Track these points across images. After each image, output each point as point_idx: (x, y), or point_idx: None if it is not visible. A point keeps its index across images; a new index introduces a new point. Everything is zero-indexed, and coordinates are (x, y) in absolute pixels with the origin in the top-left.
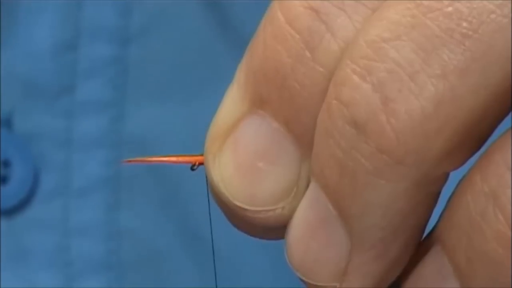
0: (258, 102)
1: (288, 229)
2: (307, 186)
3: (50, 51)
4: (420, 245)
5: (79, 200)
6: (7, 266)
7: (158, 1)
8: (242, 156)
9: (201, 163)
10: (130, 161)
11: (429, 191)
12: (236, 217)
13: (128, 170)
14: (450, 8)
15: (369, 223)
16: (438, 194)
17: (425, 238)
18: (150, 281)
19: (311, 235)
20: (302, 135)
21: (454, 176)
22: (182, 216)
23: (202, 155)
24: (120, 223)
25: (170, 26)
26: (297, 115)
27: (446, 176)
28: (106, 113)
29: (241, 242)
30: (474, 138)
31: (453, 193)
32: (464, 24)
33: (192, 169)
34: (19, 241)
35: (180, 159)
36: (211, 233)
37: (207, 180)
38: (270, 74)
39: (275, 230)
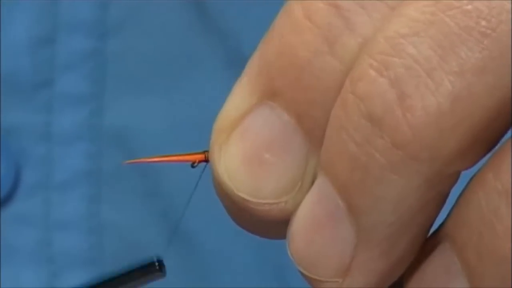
0: (269, 94)
1: (292, 222)
2: (312, 181)
3: (27, 45)
4: (425, 243)
5: (61, 194)
6: None
7: None
8: (249, 147)
9: (201, 161)
10: (130, 162)
11: (440, 189)
12: (238, 211)
13: (109, 163)
14: (469, 7)
15: (377, 219)
16: (447, 194)
17: (430, 236)
18: None
19: (316, 229)
20: (313, 129)
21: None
22: (165, 209)
23: (202, 153)
24: (102, 216)
25: (147, 18)
26: (310, 109)
27: (457, 176)
28: (86, 107)
29: (227, 237)
30: (488, 137)
31: (463, 191)
32: (483, 22)
33: (192, 166)
34: (2, 237)
35: (181, 158)
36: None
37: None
38: (286, 66)
39: (276, 227)
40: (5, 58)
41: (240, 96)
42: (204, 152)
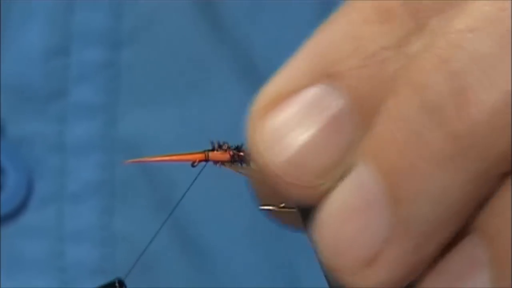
0: (327, 76)
1: (323, 208)
2: (348, 170)
3: (41, 56)
4: None
5: (73, 206)
6: (3, 273)
7: (149, 4)
8: (295, 122)
9: (201, 160)
10: (132, 161)
11: (484, 191)
12: (264, 188)
13: (122, 174)
14: None
15: (418, 212)
16: (488, 197)
17: None
18: (146, 286)
19: (348, 218)
20: (365, 118)
21: None
22: (177, 221)
23: (202, 152)
24: (114, 228)
25: (161, 29)
26: (368, 96)
27: (503, 180)
28: (99, 117)
29: (234, 242)
30: None
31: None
32: None
33: (192, 165)
34: (14, 248)
35: (182, 157)
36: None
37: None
38: (352, 52)
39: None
40: (19, 68)
41: (295, 71)
42: (204, 151)
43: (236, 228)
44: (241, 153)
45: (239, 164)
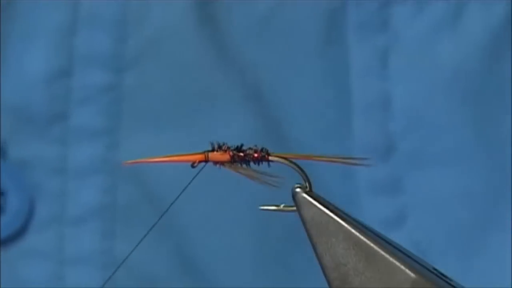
0: None
1: None
2: None
3: (43, 78)
4: None
5: (74, 229)
6: None
7: (153, 28)
8: None
9: (201, 161)
10: (132, 162)
11: None
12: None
13: (124, 198)
14: None
15: None
16: None
17: None
18: None
19: None
20: None
21: None
22: (178, 245)
23: (202, 153)
24: (115, 252)
25: (165, 53)
26: None
27: None
28: (101, 141)
29: (237, 267)
30: None
31: None
32: None
33: (192, 166)
34: (15, 270)
35: (182, 158)
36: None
37: None
38: None
39: None
40: (21, 90)
41: None
42: (204, 152)
43: (239, 253)
44: (241, 154)
45: (239, 165)
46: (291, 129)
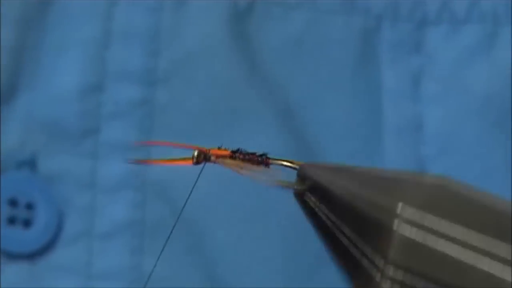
0: None
1: None
2: None
3: (75, 92)
4: None
5: (103, 244)
6: None
7: (186, 44)
8: None
9: (201, 152)
10: (136, 161)
11: None
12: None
13: (153, 213)
14: None
15: None
16: None
17: None
18: None
19: None
20: None
21: None
22: (207, 263)
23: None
24: (144, 268)
25: (197, 69)
26: None
27: None
28: (131, 156)
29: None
30: None
31: None
32: None
33: (197, 161)
34: (43, 285)
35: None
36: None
37: None
38: None
39: None
40: (52, 104)
41: None
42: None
43: (270, 272)
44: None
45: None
46: (322, 148)
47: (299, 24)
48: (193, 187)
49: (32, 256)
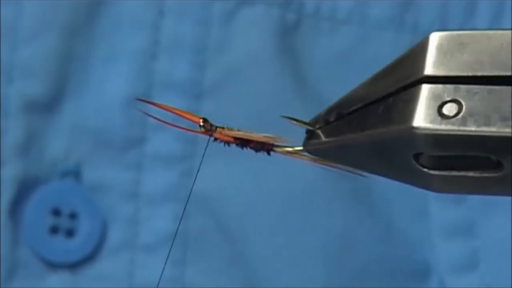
0: None
1: None
2: None
3: (122, 103)
4: None
5: (145, 256)
6: None
7: (233, 57)
8: None
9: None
10: (144, 100)
11: None
12: None
13: (196, 225)
14: None
15: None
16: None
17: None
18: None
19: None
20: None
21: None
22: (248, 276)
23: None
24: (186, 279)
25: (243, 81)
26: None
27: None
28: (176, 167)
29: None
30: None
31: None
32: None
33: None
34: None
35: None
36: None
37: None
38: None
39: None
40: (99, 114)
41: None
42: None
43: (309, 282)
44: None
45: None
46: None
47: (347, 39)
48: (201, 162)
49: (74, 266)
